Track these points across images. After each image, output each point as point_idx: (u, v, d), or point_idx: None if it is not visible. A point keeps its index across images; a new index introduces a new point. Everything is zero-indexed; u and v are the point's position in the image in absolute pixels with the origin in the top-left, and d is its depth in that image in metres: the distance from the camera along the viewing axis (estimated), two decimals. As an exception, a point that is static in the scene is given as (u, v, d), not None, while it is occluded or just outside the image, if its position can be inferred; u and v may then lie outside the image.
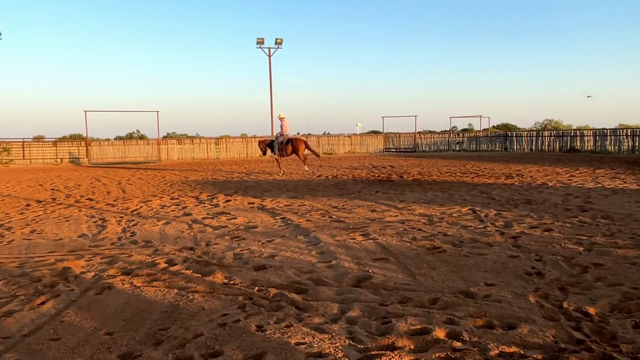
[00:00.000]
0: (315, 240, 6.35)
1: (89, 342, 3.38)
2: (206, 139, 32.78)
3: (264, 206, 9.53)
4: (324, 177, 15.92)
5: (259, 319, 3.68)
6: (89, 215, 8.92)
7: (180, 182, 15.29)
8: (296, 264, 5.21)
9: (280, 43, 36.90)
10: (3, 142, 28.90)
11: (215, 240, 6.56)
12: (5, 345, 3.33)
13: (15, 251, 6.20)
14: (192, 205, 9.97)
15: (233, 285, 4.53)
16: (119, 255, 5.78)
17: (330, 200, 10.21)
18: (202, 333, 3.44)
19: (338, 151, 34.75)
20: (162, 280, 4.72)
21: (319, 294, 4.22)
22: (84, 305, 4.11)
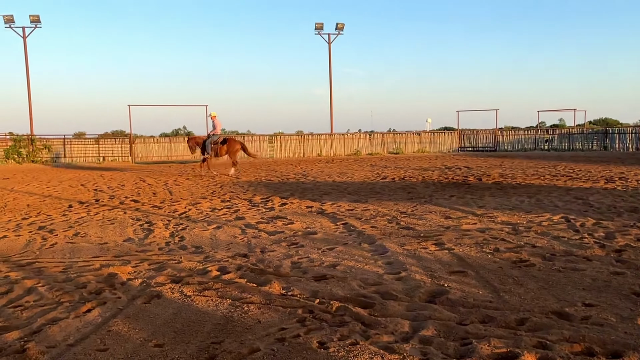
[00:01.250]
0: (382, 249, 6.32)
1: (138, 354, 3.52)
2: (259, 137, 33.42)
3: (324, 210, 9.59)
4: (389, 179, 15.83)
5: (321, 334, 3.70)
6: (134, 218, 9.31)
7: (231, 184, 15.66)
8: (361, 275, 5.20)
9: (342, 28, 37.06)
10: (43, 139, 30.71)
11: (271, 246, 6.67)
12: (50, 355, 3.52)
13: (59, 255, 6.56)
14: (244, 208, 10.18)
15: (291, 296, 4.58)
16: (167, 262, 5.99)
17: (397, 204, 10.13)
18: (259, 348, 3.50)
19: (405, 150, 34.47)
20: (214, 290, 4.85)
21: (388, 309, 4.19)
22: (131, 314, 4.29)
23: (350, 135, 35.68)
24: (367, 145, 34.70)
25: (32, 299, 4.72)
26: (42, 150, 29.97)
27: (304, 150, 33.47)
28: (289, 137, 34.44)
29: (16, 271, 5.72)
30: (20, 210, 10.73)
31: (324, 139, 34.06)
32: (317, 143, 33.82)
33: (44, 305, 4.57)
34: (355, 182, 15.13)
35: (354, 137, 35.13)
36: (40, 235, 7.88)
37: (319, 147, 33.76)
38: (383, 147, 34.69)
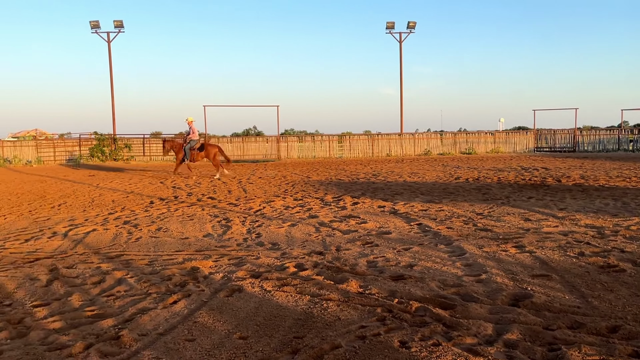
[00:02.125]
0: (460, 250, 6.21)
1: (223, 345, 3.64)
2: (328, 137, 33.60)
3: (397, 210, 9.53)
4: (463, 180, 15.52)
5: (402, 334, 3.69)
6: (212, 215, 9.61)
7: (302, 182, 15.84)
8: (439, 276, 5.14)
9: (413, 27, 36.66)
10: (124, 139, 32.21)
11: (346, 245, 6.71)
12: (143, 343, 3.71)
13: (144, 248, 6.87)
14: (317, 207, 10.28)
15: (369, 295, 4.59)
16: (246, 257, 6.15)
17: (473, 205, 9.92)
18: (341, 345, 3.54)
19: (478, 150, 33.65)
20: (292, 286, 4.93)
21: (469, 311, 4.12)
22: (215, 307, 4.43)
23: (420, 134, 35.22)
24: (438, 145, 34.15)
25: (122, 289, 4.98)
26: (123, 149, 31.44)
27: (373, 150, 33.36)
28: (358, 137, 34.42)
29: (106, 263, 6.05)
30: (106, 206, 11.32)
31: (394, 138, 33.80)
32: (386, 143, 33.61)
33: (134, 295, 4.81)
34: (427, 183, 14.93)
35: (424, 137, 34.66)
36: (126, 229, 8.28)
37: (389, 147, 33.54)
38: (455, 147, 34.02)
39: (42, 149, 31.50)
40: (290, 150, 32.46)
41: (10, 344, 3.71)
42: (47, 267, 5.86)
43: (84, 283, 5.24)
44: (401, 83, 37.30)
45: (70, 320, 4.17)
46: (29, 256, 6.47)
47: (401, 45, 37.17)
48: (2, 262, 6.21)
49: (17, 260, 6.27)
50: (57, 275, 5.51)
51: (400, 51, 37.19)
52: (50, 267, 5.85)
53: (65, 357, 3.45)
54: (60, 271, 5.65)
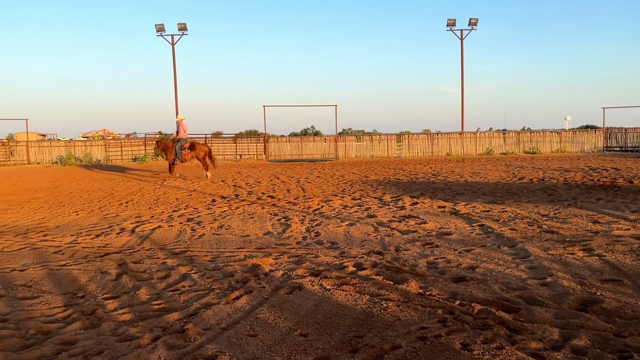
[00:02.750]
0: (524, 252, 6.05)
1: (284, 341, 3.70)
2: (386, 136, 33.40)
3: (457, 211, 9.38)
4: (527, 180, 15.08)
5: (464, 336, 3.64)
6: (272, 213, 9.76)
7: (360, 182, 15.83)
8: (502, 279, 5.02)
9: (475, 24, 35.90)
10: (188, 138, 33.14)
11: (405, 245, 6.66)
12: (207, 337, 3.82)
13: (207, 245, 7.06)
14: (375, 206, 10.25)
15: (430, 296, 4.55)
16: (305, 255, 6.22)
17: (537, 207, 9.62)
18: (401, 345, 3.53)
19: (543, 150, 32.60)
20: (352, 285, 4.95)
21: (534, 314, 4.01)
22: (276, 303, 4.51)
23: (482, 133, 34.46)
24: (501, 144, 33.30)
25: (187, 285, 5.14)
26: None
27: (433, 149, 32.90)
28: (417, 136, 34.03)
29: (171, 258, 6.26)
30: (171, 203, 11.70)
31: (454, 137, 33.22)
32: (446, 142, 33.08)
33: (198, 290, 4.96)
34: (489, 183, 14.61)
35: (486, 136, 33.89)
36: (190, 226, 8.54)
37: (449, 146, 33.00)
38: (518, 146, 33.08)
39: (110, 148, 32.88)
40: (348, 150, 32.47)
41: (84, 334, 3.91)
42: (116, 262, 6.13)
43: (151, 277, 5.44)
44: (462, 81, 36.65)
45: (139, 313, 4.35)
46: (99, 251, 6.78)
47: (462, 42, 36.50)
48: (75, 256, 6.53)
49: (88, 254, 6.58)
50: (126, 269, 5.76)
51: (462, 49, 36.54)
52: (119, 262, 6.11)
53: (135, 348, 3.60)
54: (128, 266, 5.90)
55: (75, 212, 10.59)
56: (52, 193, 14.76)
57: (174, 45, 36.11)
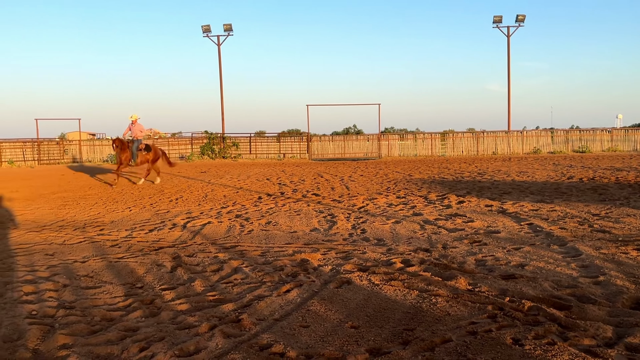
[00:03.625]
0: (575, 251, 5.98)
1: (336, 332, 3.81)
2: (430, 134, 33.13)
3: (505, 210, 9.29)
4: (576, 179, 14.74)
5: (514, 331, 3.66)
6: (317, 210, 9.88)
7: (404, 180, 15.81)
8: (552, 276, 4.99)
9: (522, 20, 35.19)
10: (232, 137, 33.70)
11: (452, 243, 6.67)
12: (261, 327, 3.96)
13: (256, 241, 7.23)
14: (421, 205, 10.25)
15: (479, 292, 4.57)
16: (352, 252, 6.31)
17: (588, 206, 9.43)
18: (451, 339, 3.58)
19: (593, 148, 31.70)
20: (400, 280, 5.01)
21: (587, 312, 3.99)
22: (326, 297, 4.62)
23: (529, 132, 33.76)
24: (549, 143, 32.56)
25: (239, 277, 5.31)
26: (231, 147, 32.92)
27: (478, 148, 32.44)
28: (462, 134, 33.62)
29: (223, 252, 6.45)
30: (219, 200, 11.98)
31: (500, 136, 32.67)
32: (492, 141, 32.56)
33: (250, 283, 5.12)
34: (537, 182, 14.35)
35: (533, 135, 33.19)
36: (239, 222, 8.75)
37: (494, 145, 32.47)
38: (567, 145, 32.27)
39: (158, 147, 33.71)
40: (392, 149, 32.36)
41: (145, 322, 4.11)
42: (170, 255, 6.36)
43: (204, 270, 5.64)
44: (509, 79, 35.95)
45: (195, 304, 4.53)
46: (154, 245, 7.04)
47: (509, 39, 35.82)
48: (131, 249, 6.81)
49: (144, 248, 6.85)
50: (180, 262, 5.98)
51: (508, 46, 35.85)
52: (173, 255, 6.34)
53: (193, 336, 3.77)
54: (182, 259, 6.11)
55: (128, 208, 10.97)
56: (105, 190, 15.30)
57: (220, 46, 36.75)
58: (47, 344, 3.71)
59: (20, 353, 3.54)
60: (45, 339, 3.80)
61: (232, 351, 3.50)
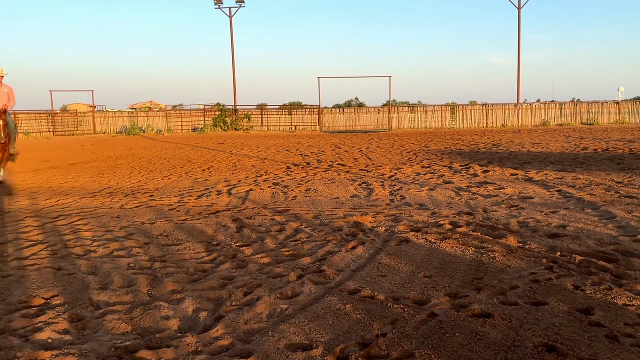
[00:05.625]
0: (608, 214, 6.42)
1: (412, 281, 4.27)
2: (440, 107, 33.38)
3: (531, 178, 9.71)
4: (591, 150, 15.14)
5: (573, 280, 4.11)
6: (350, 179, 10.31)
7: (422, 152, 16.20)
8: (594, 235, 5.44)
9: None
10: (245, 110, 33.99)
11: (491, 207, 7.11)
12: (342, 276, 4.42)
13: (305, 205, 7.68)
14: (448, 174, 10.67)
15: (530, 249, 5.02)
16: (400, 215, 6.75)
17: (609, 175, 9.85)
18: (518, 286, 4.03)
19: (601, 121, 31.98)
20: (454, 239, 5.46)
21: (633, 264, 4.44)
22: (391, 252, 5.07)
23: (538, 104, 34.01)
24: (557, 115, 32.83)
25: (303, 237, 5.76)
26: (243, 119, 33.24)
27: (487, 120, 32.73)
28: (472, 107, 33.88)
29: (278, 216, 6.90)
30: (249, 170, 12.41)
31: (509, 109, 32.93)
32: (501, 113, 32.84)
33: (315, 241, 5.57)
34: (553, 153, 14.75)
35: (542, 107, 33.43)
36: (279, 189, 9.19)
37: (503, 117, 32.75)
38: (575, 117, 32.56)
39: (170, 119, 34.04)
40: (402, 121, 32.67)
41: (237, 272, 4.57)
42: (230, 218, 6.81)
43: (269, 231, 6.09)
44: (519, 51, 36.02)
45: (274, 257, 4.99)
46: (209, 209, 7.49)
47: (520, 11, 35.77)
48: (190, 212, 7.26)
49: (201, 211, 7.30)
50: (242, 224, 6.43)
51: (519, 17, 35.82)
52: (233, 218, 6.79)
53: (286, 283, 4.23)
54: (243, 221, 6.56)
55: (166, 177, 11.41)
56: (133, 160, 15.73)
57: (231, 18, 36.76)
58: (158, 289, 4.18)
59: (140, 296, 4.01)
60: (154, 286, 4.27)
61: (327, 294, 3.96)
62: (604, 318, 3.39)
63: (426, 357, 2.95)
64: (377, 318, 3.51)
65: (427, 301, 3.81)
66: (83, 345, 3.18)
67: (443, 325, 3.36)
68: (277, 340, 3.21)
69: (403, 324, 3.39)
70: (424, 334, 3.25)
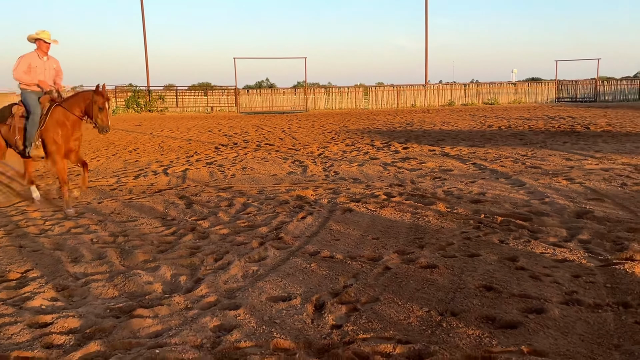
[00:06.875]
0: (519, 182, 7.29)
1: (363, 242, 4.80)
2: (354, 88, 34.32)
3: (447, 153, 10.58)
4: (495, 128, 16.44)
5: (498, 236, 4.81)
6: (282, 158, 10.72)
7: (343, 131, 16.85)
8: (509, 200, 6.23)
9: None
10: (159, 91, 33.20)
11: (418, 179, 7.80)
12: (300, 242, 4.86)
13: (246, 182, 8.01)
14: (372, 151, 11.35)
15: (458, 213, 5.71)
16: (338, 188, 7.27)
17: (515, 149, 10.93)
18: (453, 242, 4.67)
19: (501, 101, 34.23)
20: (391, 207, 6.05)
21: (544, 222, 5.22)
22: (339, 220, 5.57)
23: (444, 86, 35.83)
24: (462, 96, 34.75)
25: (254, 210, 6.13)
26: (157, 101, 32.47)
27: (398, 101, 34.06)
28: (384, 88, 35.10)
29: (223, 192, 7.20)
30: (178, 151, 12.47)
31: (418, 89, 34.44)
32: (411, 94, 34.28)
33: (266, 213, 5.97)
34: (463, 130, 15.89)
35: (448, 88, 35.27)
36: (216, 168, 9.44)
37: (413, 98, 34.23)
38: (478, 97, 34.61)
39: (80, 101, 32.59)
40: (318, 102, 33.29)
41: (201, 243, 4.89)
42: (175, 195, 7.03)
43: (218, 206, 6.40)
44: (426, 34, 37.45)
45: (233, 229, 5.34)
46: (152, 188, 7.65)
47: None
48: (133, 192, 7.39)
49: (145, 191, 7.45)
50: (191, 201, 6.69)
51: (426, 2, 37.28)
52: (179, 195, 7.02)
53: (251, 249, 4.62)
54: (191, 198, 6.82)
55: (93, 159, 11.25)
56: (51, 143, 15.18)
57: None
58: (130, 260, 4.43)
59: (115, 267, 4.25)
60: (125, 257, 4.51)
61: (291, 257, 4.40)
62: (527, 263, 4.07)
63: (390, 300, 3.47)
64: (341, 273, 4.00)
65: (380, 258, 4.34)
66: (78, 309, 3.43)
67: (398, 275, 3.91)
68: (258, 294, 3.62)
69: (364, 277, 3.90)
70: (383, 283, 3.78)
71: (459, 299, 3.46)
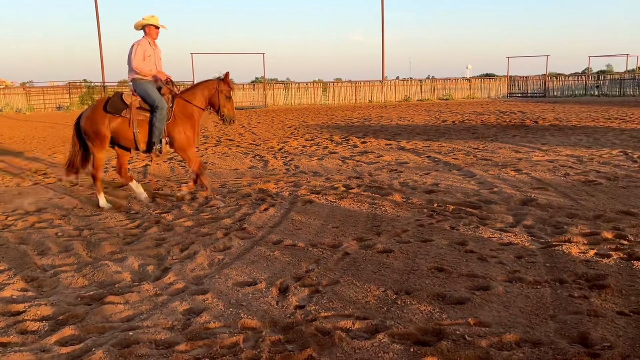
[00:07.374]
0: (470, 173, 7.66)
1: (324, 231, 5.02)
2: (313, 84, 34.56)
3: (403, 147, 10.93)
4: (450, 122, 16.96)
5: (449, 223, 5.12)
6: (242, 153, 10.85)
7: (303, 126, 17.06)
8: (461, 190, 6.57)
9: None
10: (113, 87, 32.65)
11: (375, 172, 8.09)
12: (263, 232, 5.05)
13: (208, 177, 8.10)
14: (331, 145, 11.60)
15: (413, 202, 6.00)
16: (299, 181, 7.48)
17: (467, 142, 11.37)
18: (408, 229, 4.95)
19: (455, 96, 35.08)
20: (350, 198, 6.30)
21: (493, 209, 5.57)
22: (300, 211, 5.79)
23: (400, 82, 36.47)
24: (418, 91, 35.46)
25: (217, 203, 6.27)
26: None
27: (356, 97, 34.49)
28: (342, 84, 35.47)
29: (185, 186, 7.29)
30: (138, 147, 12.41)
31: (376, 85, 34.95)
32: (368, 90, 34.76)
33: (230, 206, 6.13)
34: (418, 125, 16.33)
35: (404, 84, 35.91)
36: (176, 164, 9.51)
37: (370, 94, 34.71)
38: (433, 93, 35.40)
39: (32, 97, 31.77)
40: (277, 98, 33.38)
41: (166, 235, 5.03)
42: (138, 190, 7.09)
43: (182, 199, 6.51)
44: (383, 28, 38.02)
45: (197, 221, 5.48)
46: (116, 182, 7.69)
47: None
48: (95, 187, 7.41)
49: (106, 186, 7.47)
50: (155, 195, 6.77)
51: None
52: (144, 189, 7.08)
53: (216, 239, 4.79)
54: (152, 192, 6.90)
55: (50, 156, 11.13)
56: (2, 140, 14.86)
57: (94, -10, 34.75)
58: (97, 252, 4.54)
59: (83, 258, 4.35)
60: (91, 249, 4.61)
61: (255, 246, 4.59)
62: (475, 247, 4.38)
63: (349, 282, 3.71)
64: (303, 259, 4.22)
65: (340, 245, 4.58)
66: (49, 297, 3.54)
67: (357, 260, 4.15)
68: (225, 281, 3.80)
69: (325, 262, 4.13)
70: (343, 267, 4.02)
71: (413, 279, 3.72)
